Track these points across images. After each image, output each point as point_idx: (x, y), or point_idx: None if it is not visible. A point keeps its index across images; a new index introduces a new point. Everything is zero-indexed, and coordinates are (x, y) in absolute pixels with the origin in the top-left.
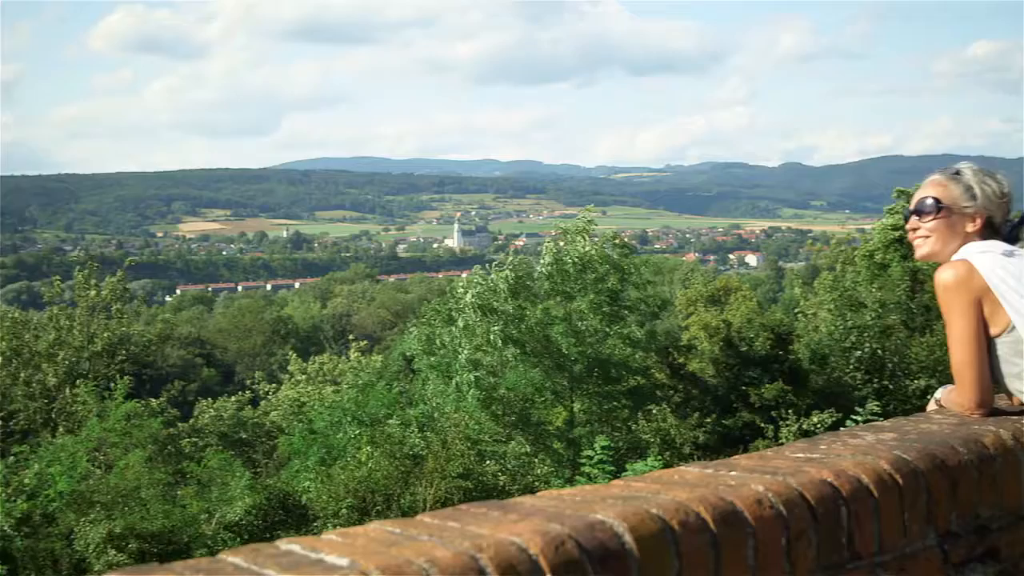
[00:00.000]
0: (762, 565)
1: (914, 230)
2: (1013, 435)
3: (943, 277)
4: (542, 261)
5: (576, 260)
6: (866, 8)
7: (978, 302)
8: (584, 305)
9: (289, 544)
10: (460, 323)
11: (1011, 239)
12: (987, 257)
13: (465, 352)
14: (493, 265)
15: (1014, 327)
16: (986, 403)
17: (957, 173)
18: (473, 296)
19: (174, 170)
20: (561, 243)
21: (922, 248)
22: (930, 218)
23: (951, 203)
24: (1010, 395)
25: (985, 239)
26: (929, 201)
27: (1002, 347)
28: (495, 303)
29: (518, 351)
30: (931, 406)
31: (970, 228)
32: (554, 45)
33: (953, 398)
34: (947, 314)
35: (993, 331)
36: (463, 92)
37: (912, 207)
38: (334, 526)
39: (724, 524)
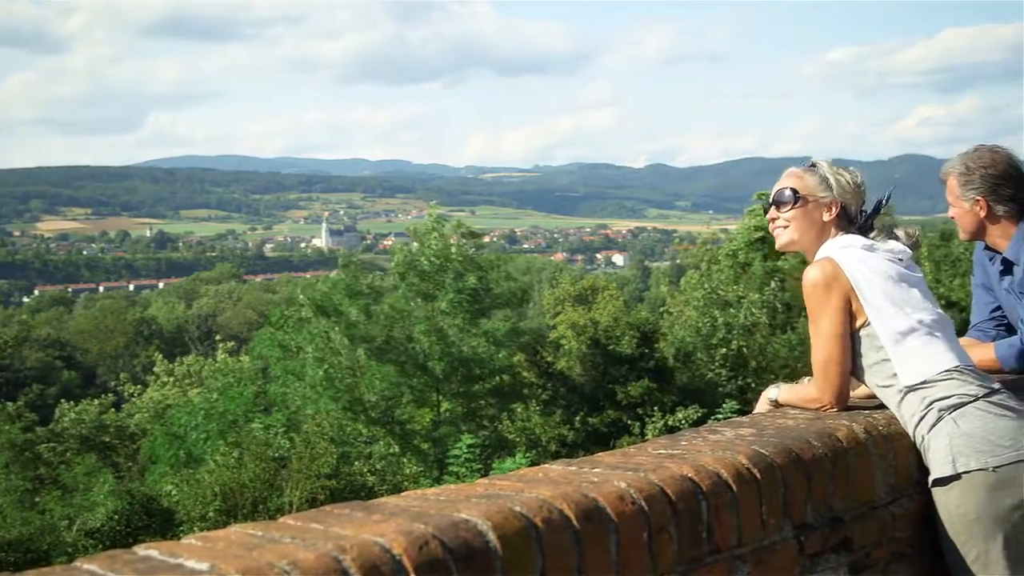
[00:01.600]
0: (625, 560)
1: (773, 220)
2: (865, 429)
3: (812, 275)
4: (394, 260)
5: (431, 259)
6: (730, 11)
7: (846, 298)
8: (444, 304)
9: (147, 549)
10: (304, 326)
11: (866, 228)
12: (848, 252)
13: (311, 352)
14: (312, 275)
15: (872, 320)
16: (844, 399)
17: (813, 166)
18: (307, 299)
19: (32, 167)
20: (415, 243)
21: (782, 237)
22: (788, 208)
23: (808, 193)
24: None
25: (841, 228)
26: (787, 192)
27: (864, 339)
28: (337, 304)
29: (369, 350)
30: (762, 406)
31: (827, 217)
32: (423, 45)
33: (810, 393)
34: (815, 311)
35: (854, 324)
36: (331, 91)
37: (771, 198)
38: (201, 530)
39: (587, 520)
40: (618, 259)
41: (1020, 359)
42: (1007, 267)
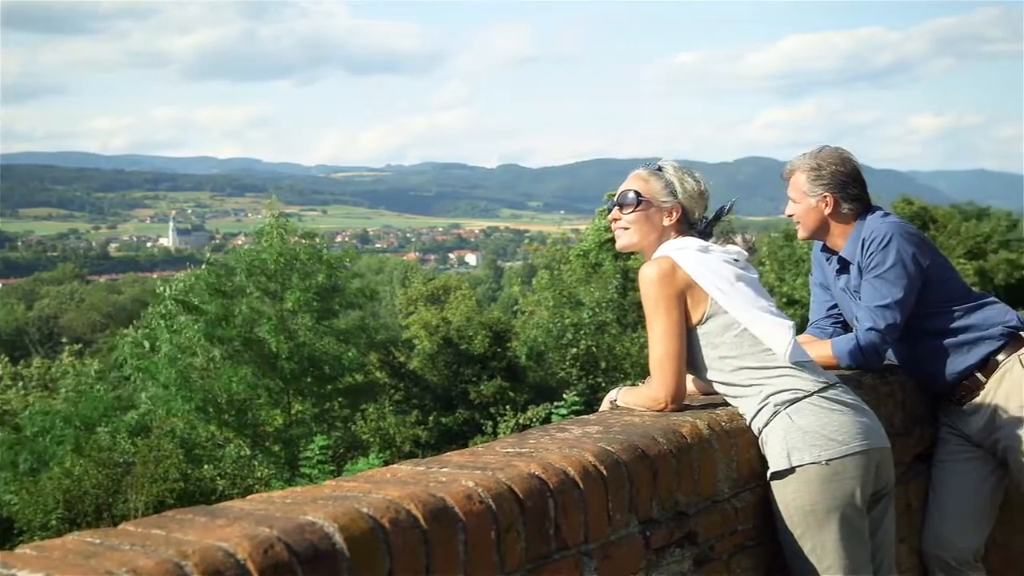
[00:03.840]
0: (473, 559)
1: (615, 220)
2: (708, 425)
3: (648, 273)
4: (233, 259)
5: (277, 258)
6: (580, 12)
7: (682, 296)
8: (290, 303)
9: None
10: (161, 323)
11: (705, 234)
12: (685, 253)
13: (164, 349)
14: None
15: (709, 317)
16: (680, 397)
17: (659, 169)
18: (171, 295)
19: None
20: (263, 241)
21: (622, 239)
22: (630, 210)
23: (651, 197)
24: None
25: (681, 232)
26: (630, 195)
27: (701, 336)
28: (197, 301)
29: (224, 350)
30: (604, 406)
31: (667, 222)
32: (275, 42)
33: (647, 393)
34: (652, 309)
35: (691, 322)
36: (179, 87)
37: (615, 199)
38: (42, 539)
39: (435, 520)
40: (471, 259)
41: (855, 356)
42: (843, 266)
